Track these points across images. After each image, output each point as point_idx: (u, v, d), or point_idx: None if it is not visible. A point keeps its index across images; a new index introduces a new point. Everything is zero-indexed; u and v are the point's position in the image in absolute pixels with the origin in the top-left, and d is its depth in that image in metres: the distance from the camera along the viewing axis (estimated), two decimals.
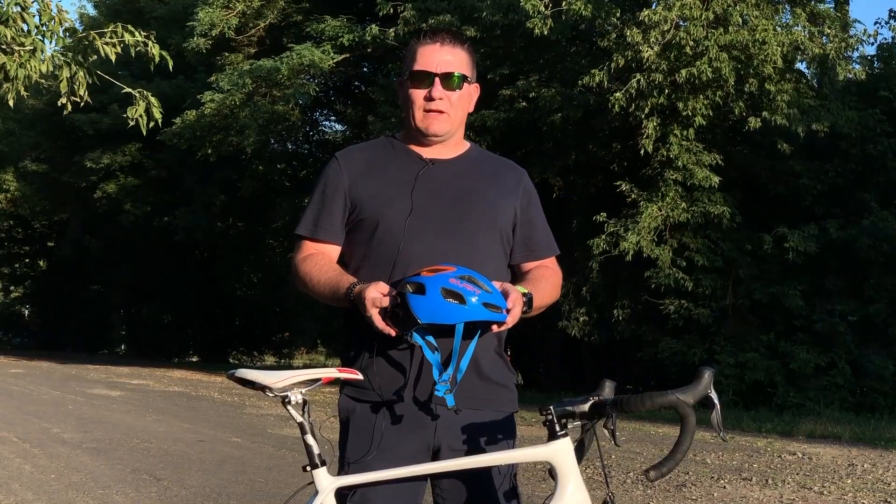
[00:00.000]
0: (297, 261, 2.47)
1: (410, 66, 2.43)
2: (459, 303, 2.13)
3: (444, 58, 2.41)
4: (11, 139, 31.36)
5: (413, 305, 2.13)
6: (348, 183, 2.44)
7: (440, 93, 2.39)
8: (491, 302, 2.16)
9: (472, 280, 2.16)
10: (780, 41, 13.26)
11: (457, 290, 2.13)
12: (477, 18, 15.18)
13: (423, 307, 2.13)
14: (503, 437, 2.38)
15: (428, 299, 2.13)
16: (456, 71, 2.41)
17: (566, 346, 18.34)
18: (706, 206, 14.12)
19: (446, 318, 2.14)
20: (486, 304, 2.15)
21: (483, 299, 2.15)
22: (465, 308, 2.13)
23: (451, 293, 2.13)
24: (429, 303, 2.13)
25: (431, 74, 2.40)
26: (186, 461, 8.19)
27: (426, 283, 2.14)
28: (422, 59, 2.41)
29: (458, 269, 2.18)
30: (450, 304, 2.13)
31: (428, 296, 2.13)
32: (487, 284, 2.18)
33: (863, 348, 14.43)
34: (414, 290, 2.15)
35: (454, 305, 2.13)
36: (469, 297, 2.13)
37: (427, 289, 2.14)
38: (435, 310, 2.13)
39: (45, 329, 43.46)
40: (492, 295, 2.17)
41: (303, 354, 42.42)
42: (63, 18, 8.15)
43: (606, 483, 2.22)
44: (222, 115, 18.93)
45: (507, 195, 2.49)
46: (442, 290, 2.13)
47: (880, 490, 6.81)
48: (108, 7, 28.32)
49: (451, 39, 2.44)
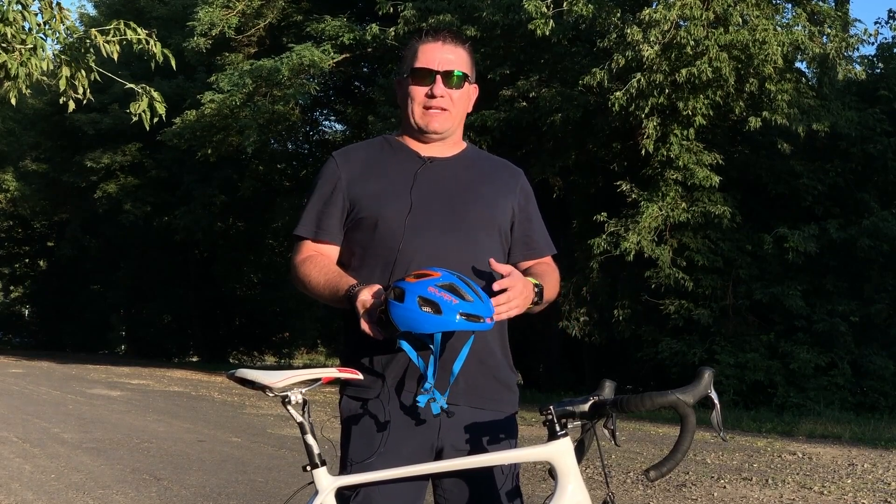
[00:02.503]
0: (296, 262, 2.45)
1: (412, 63, 2.43)
2: (434, 312, 2.08)
3: (446, 56, 2.41)
4: (11, 139, 31.37)
5: (392, 312, 2.11)
6: (346, 182, 2.43)
7: (441, 90, 2.39)
8: (471, 312, 2.10)
9: (452, 288, 2.11)
10: (781, 41, 13.26)
11: (433, 300, 2.09)
12: (477, 18, 15.18)
13: (399, 315, 2.10)
14: (505, 437, 2.38)
15: (404, 308, 2.09)
16: (458, 69, 2.42)
17: (566, 346, 18.35)
18: (706, 206, 14.13)
19: (422, 328, 2.10)
20: (463, 315, 2.09)
21: (462, 309, 2.09)
22: (439, 318, 2.08)
23: (427, 302, 2.09)
24: (405, 311, 2.09)
25: (433, 72, 2.40)
26: (186, 461, 8.19)
27: (406, 290, 2.11)
28: (424, 56, 2.41)
29: (442, 276, 2.13)
30: (424, 314, 2.08)
31: (405, 304, 2.09)
32: (469, 293, 2.12)
33: (863, 348, 14.43)
34: (396, 297, 2.12)
35: (428, 315, 2.08)
36: (445, 307, 2.09)
37: (406, 296, 2.10)
38: (410, 318, 2.09)
39: (45, 329, 43.47)
40: (472, 304, 2.11)
41: (303, 354, 42.43)
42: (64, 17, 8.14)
43: (606, 483, 2.22)
44: (222, 115, 18.94)
45: (505, 194, 2.49)
46: (419, 299, 2.09)
47: (880, 490, 6.81)
48: (108, 7, 28.34)
49: (452, 38, 2.45)
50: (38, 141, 29.81)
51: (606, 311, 15.52)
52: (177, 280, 33.08)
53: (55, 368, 23.20)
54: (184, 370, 24.29)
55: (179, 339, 35.85)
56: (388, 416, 2.31)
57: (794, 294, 14.15)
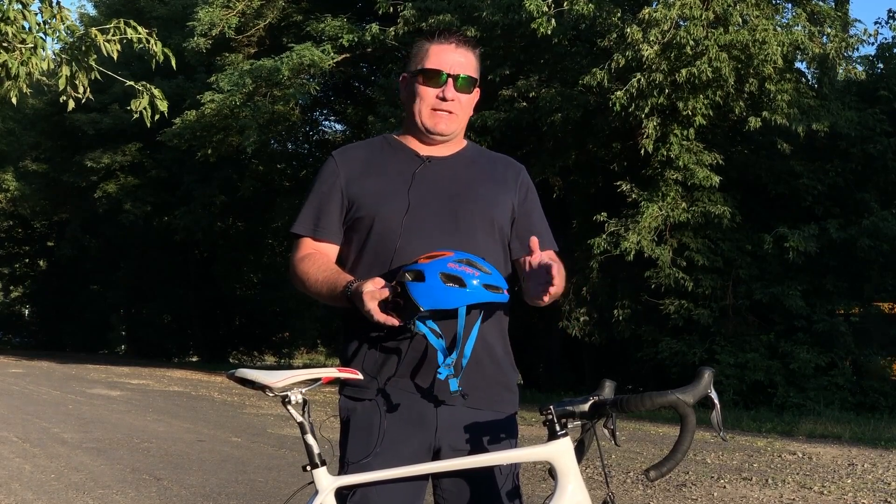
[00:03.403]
0: (294, 260, 2.45)
1: (422, 63, 2.42)
2: (460, 286, 2.13)
3: (458, 59, 2.42)
4: (12, 139, 31.38)
5: (414, 293, 2.13)
6: (345, 181, 2.43)
7: (452, 93, 2.40)
8: (491, 283, 2.17)
9: (470, 263, 2.16)
10: (781, 41, 13.26)
11: (456, 274, 2.13)
12: (477, 18, 15.17)
13: (423, 294, 2.12)
14: (505, 437, 2.37)
15: (428, 286, 2.12)
16: (469, 74, 2.42)
17: (566, 346, 18.34)
18: (706, 206, 14.12)
19: (448, 303, 2.13)
20: (486, 286, 2.15)
21: (483, 281, 2.15)
22: (466, 291, 2.13)
23: (451, 277, 2.13)
24: (429, 289, 2.12)
25: (445, 74, 2.40)
26: (186, 461, 8.19)
27: (425, 270, 2.14)
28: (435, 57, 2.41)
29: (456, 254, 2.18)
30: (450, 289, 2.12)
31: (428, 282, 2.13)
32: (486, 266, 2.19)
33: (863, 348, 14.42)
34: (413, 278, 2.14)
35: (455, 289, 2.13)
36: (469, 280, 2.14)
37: (426, 275, 2.13)
38: (436, 295, 2.12)
39: (45, 329, 43.48)
40: (491, 276, 2.17)
41: (303, 354, 42.44)
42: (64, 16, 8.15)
43: (606, 483, 2.22)
44: (222, 116, 18.95)
45: (504, 191, 2.49)
46: (441, 276, 2.13)
47: (880, 490, 6.81)
48: (108, 7, 28.33)
49: (464, 42, 2.45)
50: (38, 141, 29.81)
51: (606, 311, 15.52)
52: (177, 280, 33.08)
53: (55, 368, 23.20)
54: (184, 370, 24.29)
55: (179, 339, 35.85)
56: (385, 416, 2.31)
57: (794, 294, 14.15)
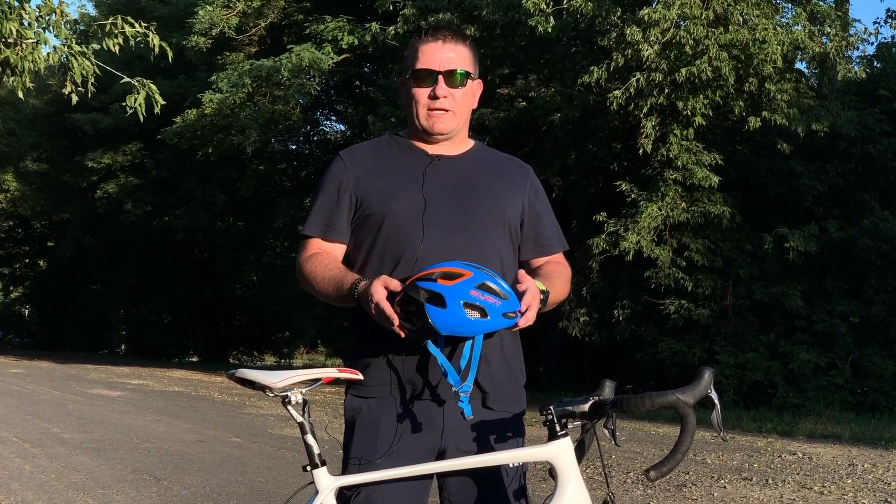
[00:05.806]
0: (301, 260, 2.43)
1: (413, 64, 2.41)
2: (482, 317, 2.10)
3: (447, 55, 2.39)
4: (12, 139, 31.36)
5: (434, 318, 2.08)
6: (354, 180, 2.41)
7: (444, 91, 2.37)
8: (509, 310, 2.13)
9: (489, 289, 2.11)
10: (780, 40, 13.26)
11: (479, 304, 2.09)
12: (477, 17, 15.17)
13: (444, 321, 2.08)
14: (512, 436, 2.36)
15: (450, 313, 2.08)
16: (459, 68, 2.39)
17: (566, 346, 18.34)
18: (706, 206, 14.12)
19: (468, 332, 2.12)
20: (504, 314, 2.12)
21: (503, 309, 2.12)
22: (485, 322, 2.10)
23: (474, 307, 2.09)
24: (450, 317, 2.08)
25: (434, 73, 2.37)
26: (186, 461, 8.19)
27: (445, 295, 2.08)
28: (424, 57, 2.39)
29: (475, 275, 2.12)
30: (471, 320, 2.09)
31: (449, 309, 2.08)
32: (502, 288, 2.13)
33: (863, 348, 14.42)
34: (429, 298, 2.09)
35: (477, 320, 2.10)
36: (491, 311, 2.10)
37: (447, 301, 2.08)
38: (457, 324, 2.09)
39: (45, 329, 43.49)
40: (508, 301, 2.13)
41: (303, 354, 42.46)
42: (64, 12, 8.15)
43: (607, 483, 2.22)
44: (223, 115, 18.94)
45: (514, 191, 2.47)
46: (464, 304, 2.08)
47: (880, 490, 6.81)
48: (108, 7, 28.33)
49: (452, 36, 2.42)
50: (39, 141, 29.81)
51: (606, 311, 15.52)
52: (177, 280, 33.09)
53: (55, 368, 23.20)
54: (184, 370, 24.28)
55: (179, 339, 35.85)
56: (393, 416, 2.29)
57: (793, 294, 14.15)
